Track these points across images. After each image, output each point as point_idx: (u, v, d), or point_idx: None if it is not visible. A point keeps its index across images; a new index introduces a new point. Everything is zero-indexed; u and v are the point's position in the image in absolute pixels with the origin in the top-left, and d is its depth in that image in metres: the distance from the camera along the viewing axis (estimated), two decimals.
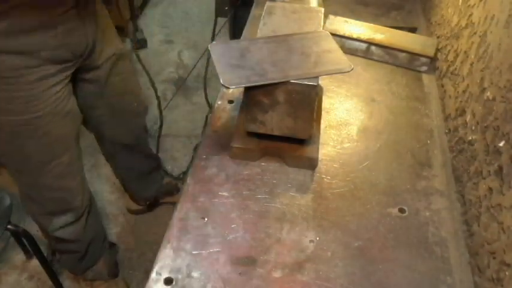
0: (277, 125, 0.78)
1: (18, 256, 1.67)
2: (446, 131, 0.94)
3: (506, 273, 0.61)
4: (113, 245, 1.67)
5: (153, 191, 1.72)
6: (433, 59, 1.08)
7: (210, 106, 1.78)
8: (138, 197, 1.74)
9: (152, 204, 1.78)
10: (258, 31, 0.84)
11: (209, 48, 0.77)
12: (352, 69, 0.75)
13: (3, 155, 1.08)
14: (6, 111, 0.95)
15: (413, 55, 1.08)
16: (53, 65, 0.96)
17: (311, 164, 0.82)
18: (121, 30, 1.66)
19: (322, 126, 0.90)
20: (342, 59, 0.77)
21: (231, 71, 0.72)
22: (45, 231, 1.29)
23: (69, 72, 1.02)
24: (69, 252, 1.39)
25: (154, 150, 1.70)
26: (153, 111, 1.82)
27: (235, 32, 2.01)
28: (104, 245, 1.51)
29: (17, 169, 1.12)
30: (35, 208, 1.22)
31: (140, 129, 1.48)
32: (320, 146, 0.85)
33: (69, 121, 1.07)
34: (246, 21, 1.23)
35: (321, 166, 0.84)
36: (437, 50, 1.10)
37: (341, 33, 1.11)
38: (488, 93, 0.77)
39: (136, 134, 1.46)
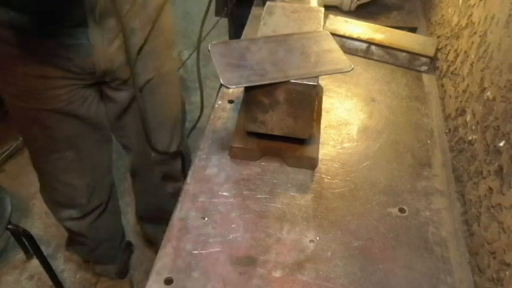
0: (277, 124, 0.78)
1: (18, 256, 1.67)
2: (446, 130, 0.94)
3: (506, 273, 0.61)
4: (129, 245, 1.65)
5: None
6: (433, 59, 1.08)
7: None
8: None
9: None
10: (258, 31, 0.84)
11: (209, 48, 0.77)
12: (352, 69, 0.75)
13: (23, 135, 1.12)
14: (14, 97, 0.97)
15: (413, 55, 1.08)
16: (55, 68, 0.92)
17: (311, 163, 0.82)
18: None
19: (322, 126, 0.90)
20: (342, 59, 0.77)
21: (231, 70, 0.72)
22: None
23: (79, 82, 0.97)
24: (79, 243, 1.41)
25: None
26: None
27: (236, 32, 2.01)
28: (119, 246, 1.51)
29: (31, 153, 1.14)
30: (45, 195, 1.25)
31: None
32: (320, 146, 0.85)
33: (74, 123, 1.05)
34: (246, 21, 1.23)
35: (321, 166, 0.84)
36: (438, 49, 1.10)
37: (341, 33, 1.11)
38: (488, 93, 0.77)
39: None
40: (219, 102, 0.96)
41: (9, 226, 1.24)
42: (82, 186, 1.19)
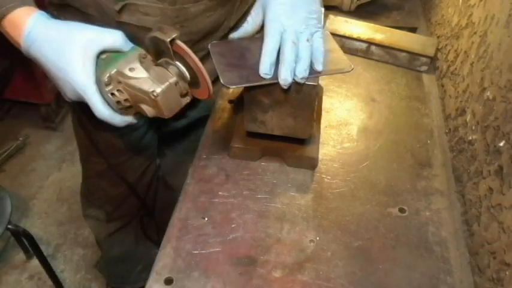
0: (277, 124, 0.78)
1: (18, 256, 1.67)
2: (447, 130, 0.94)
3: (506, 273, 0.61)
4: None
5: None
6: (433, 59, 1.08)
7: None
8: None
9: None
10: None
11: (209, 48, 0.77)
12: (352, 69, 0.75)
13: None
14: None
15: (413, 55, 1.08)
16: None
17: (311, 163, 0.82)
18: None
19: (322, 126, 0.90)
20: (342, 59, 0.77)
21: (231, 70, 0.72)
22: None
23: None
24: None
25: None
26: None
27: None
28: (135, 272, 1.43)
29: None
30: (81, 187, 1.25)
31: None
32: (320, 146, 0.85)
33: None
34: None
35: (321, 166, 0.84)
36: (438, 49, 1.10)
37: (341, 33, 1.11)
38: (488, 93, 0.77)
39: None
40: (219, 102, 0.96)
41: (9, 226, 1.24)
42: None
